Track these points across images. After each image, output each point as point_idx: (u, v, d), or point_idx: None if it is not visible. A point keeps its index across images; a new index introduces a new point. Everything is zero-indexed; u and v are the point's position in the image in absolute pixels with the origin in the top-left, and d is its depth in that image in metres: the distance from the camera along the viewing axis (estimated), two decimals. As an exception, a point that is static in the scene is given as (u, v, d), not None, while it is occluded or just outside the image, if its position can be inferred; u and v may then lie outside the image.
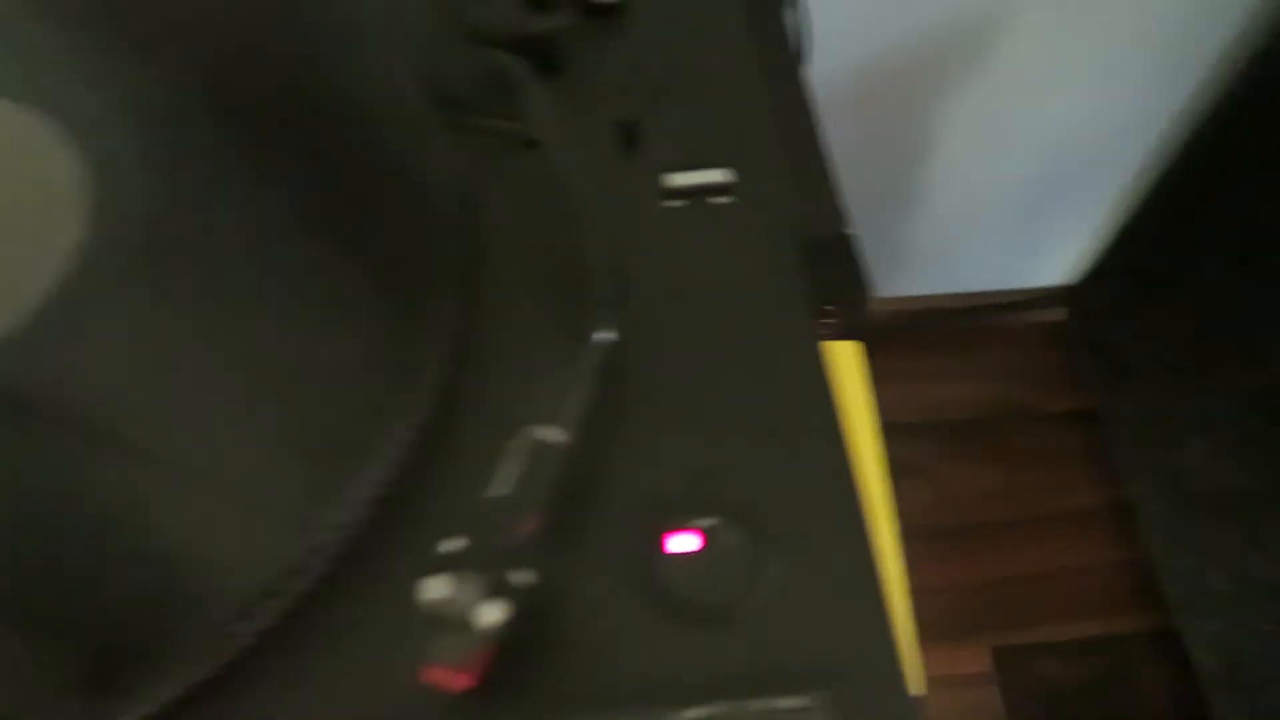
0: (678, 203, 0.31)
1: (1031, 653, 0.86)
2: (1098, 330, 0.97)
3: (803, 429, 0.28)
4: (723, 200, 0.31)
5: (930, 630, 0.87)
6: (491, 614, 0.21)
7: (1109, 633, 0.88)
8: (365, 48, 0.30)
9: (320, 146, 0.29)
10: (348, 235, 0.29)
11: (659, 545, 0.26)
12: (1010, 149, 0.85)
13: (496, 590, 0.21)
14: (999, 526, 0.91)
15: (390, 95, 0.30)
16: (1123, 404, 0.92)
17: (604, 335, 0.24)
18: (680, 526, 0.26)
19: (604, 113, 0.31)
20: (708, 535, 0.26)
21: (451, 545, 0.22)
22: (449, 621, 0.21)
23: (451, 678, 0.22)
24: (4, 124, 0.29)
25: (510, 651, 0.23)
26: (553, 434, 0.23)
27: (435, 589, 0.21)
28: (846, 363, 0.30)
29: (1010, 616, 0.88)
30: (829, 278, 0.31)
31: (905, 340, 1.00)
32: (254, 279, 0.28)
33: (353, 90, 0.30)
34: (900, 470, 0.87)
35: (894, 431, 0.66)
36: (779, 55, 0.36)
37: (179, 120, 0.30)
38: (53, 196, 0.28)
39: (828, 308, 0.31)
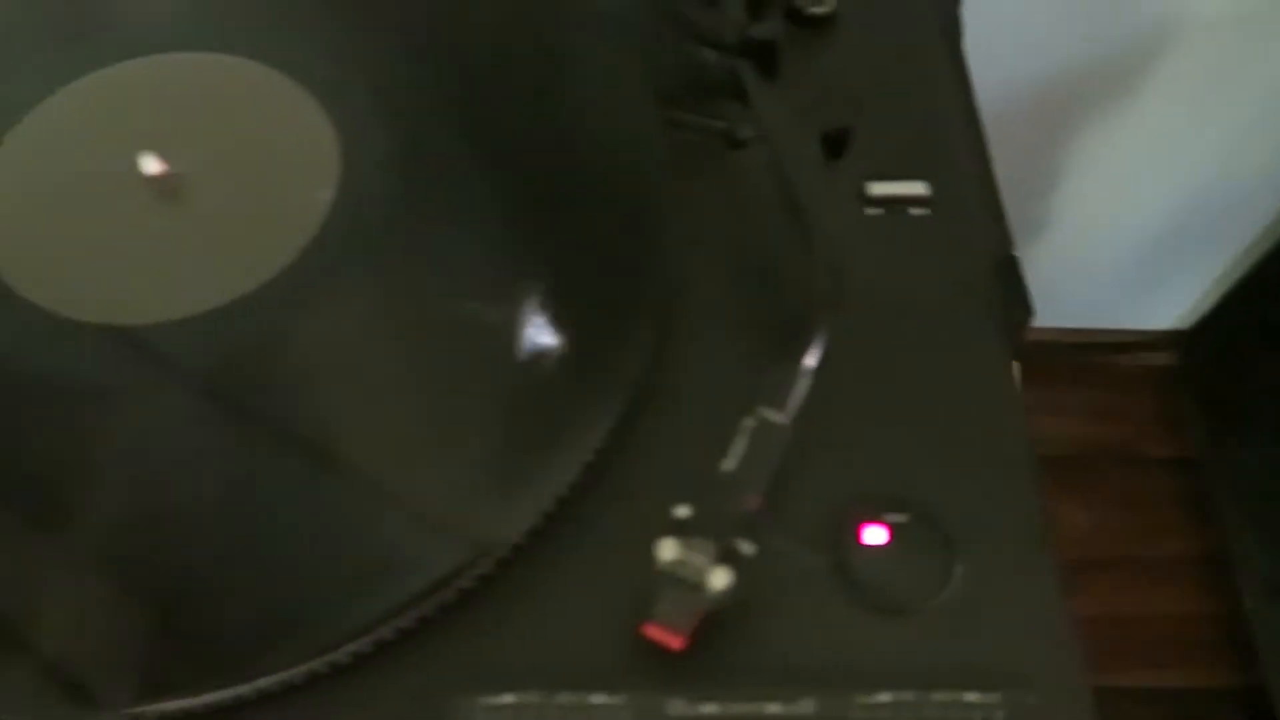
0: (877, 211, 0.32)
1: (1113, 696, 0.85)
2: (1207, 378, 0.95)
3: (992, 441, 0.29)
4: (921, 212, 0.33)
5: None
6: (722, 578, 0.22)
7: (1193, 684, 0.87)
8: (600, 38, 0.32)
9: (549, 136, 0.31)
10: (568, 220, 0.30)
11: (853, 534, 0.27)
12: (1138, 191, 0.85)
13: (725, 557, 0.23)
14: (1087, 566, 0.91)
15: (620, 84, 0.31)
16: (1228, 454, 0.90)
17: (824, 331, 0.26)
18: (873, 519, 0.27)
19: (814, 119, 0.32)
20: (897, 531, 0.27)
21: (683, 511, 0.23)
22: (677, 582, 0.23)
23: (668, 636, 0.24)
24: (258, 85, 0.32)
25: (712, 620, 0.24)
26: (779, 418, 0.24)
27: (670, 549, 0.23)
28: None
29: (1092, 659, 0.87)
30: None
31: (1006, 369, 1.00)
32: (471, 260, 0.29)
33: (587, 80, 0.31)
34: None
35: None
36: (958, 73, 0.37)
37: (415, 95, 0.32)
38: (306, 158, 0.30)
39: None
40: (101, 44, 0.32)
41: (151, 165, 0.29)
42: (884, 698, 0.25)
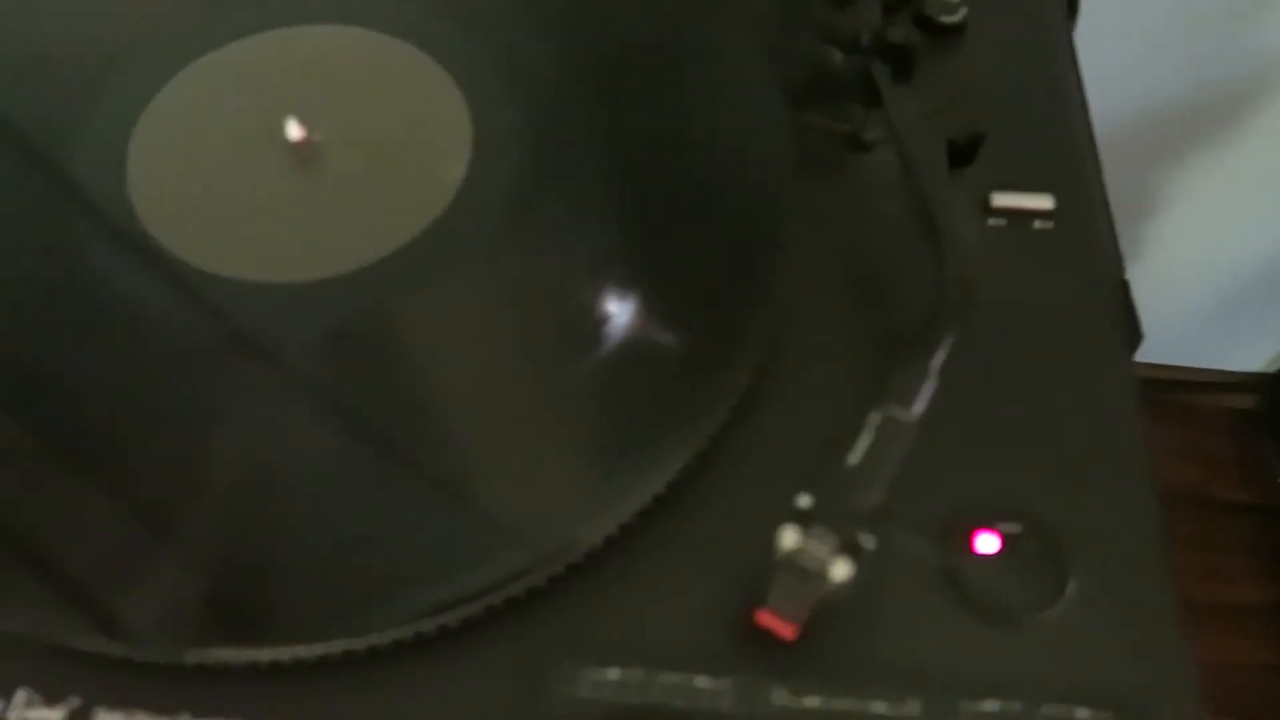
0: (999, 221, 0.32)
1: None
2: (1290, 424, 0.93)
3: (1112, 460, 0.28)
4: (1044, 225, 0.32)
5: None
6: (842, 570, 0.22)
7: (1260, 736, 0.84)
8: (735, 34, 0.32)
9: (679, 128, 0.31)
10: (692, 211, 0.30)
11: (965, 540, 0.27)
12: (1235, 230, 0.83)
13: (847, 549, 0.23)
14: (1152, 607, 0.89)
15: (752, 81, 0.31)
16: (1309, 504, 0.88)
17: (952, 335, 0.26)
18: (986, 526, 0.27)
19: (941, 125, 0.32)
20: (1009, 540, 0.27)
21: (805, 501, 0.23)
22: (796, 571, 0.23)
23: (781, 625, 0.24)
24: (398, 61, 0.32)
25: (823, 614, 0.24)
26: (906, 416, 0.24)
27: (792, 537, 0.23)
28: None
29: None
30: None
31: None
32: (595, 245, 0.30)
33: (720, 74, 0.32)
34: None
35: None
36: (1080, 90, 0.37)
37: (550, 82, 0.32)
38: (439, 136, 0.31)
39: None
40: (255, 10, 0.33)
41: (294, 131, 0.30)
42: (991, 706, 0.25)
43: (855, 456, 0.24)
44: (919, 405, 0.25)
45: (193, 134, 0.31)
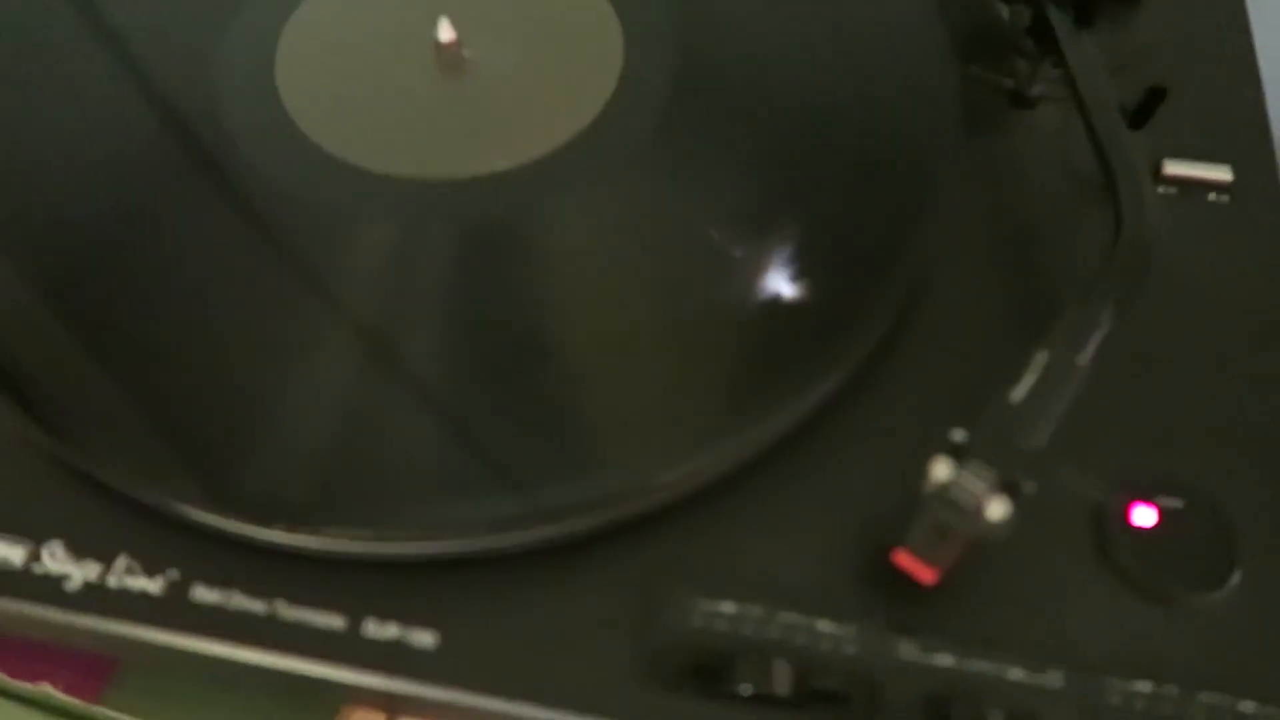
0: (1170, 190, 0.30)
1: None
2: None
3: (1290, 447, 0.26)
4: (1219, 198, 0.30)
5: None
6: (999, 509, 0.21)
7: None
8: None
9: (840, 72, 0.30)
10: (849, 145, 0.29)
11: (1122, 510, 0.25)
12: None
13: (1005, 489, 0.21)
14: None
15: (920, 31, 0.30)
16: None
17: (1129, 285, 0.24)
18: (1145, 498, 0.25)
19: (1117, 85, 0.30)
20: (1168, 515, 0.25)
21: (959, 435, 0.21)
22: (946, 505, 0.21)
23: (920, 568, 0.22)
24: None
25: (963, 563, 0.23)
26: (1078, 358, 0.22)
27: (945, 469, 0.21)
28: None
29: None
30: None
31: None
32: (742, 178, 0.28)
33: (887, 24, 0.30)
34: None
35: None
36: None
37: (708, 14, 0.31)
38: (590, 53, 0.30)
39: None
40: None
41: (445, 32, 0.29)
42: (1143, 687, 0.22)
43: (1019, 393, 0.22)
44: (1087, 352, 0.23)
45: (348, 30, 0.31)
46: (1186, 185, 0.30)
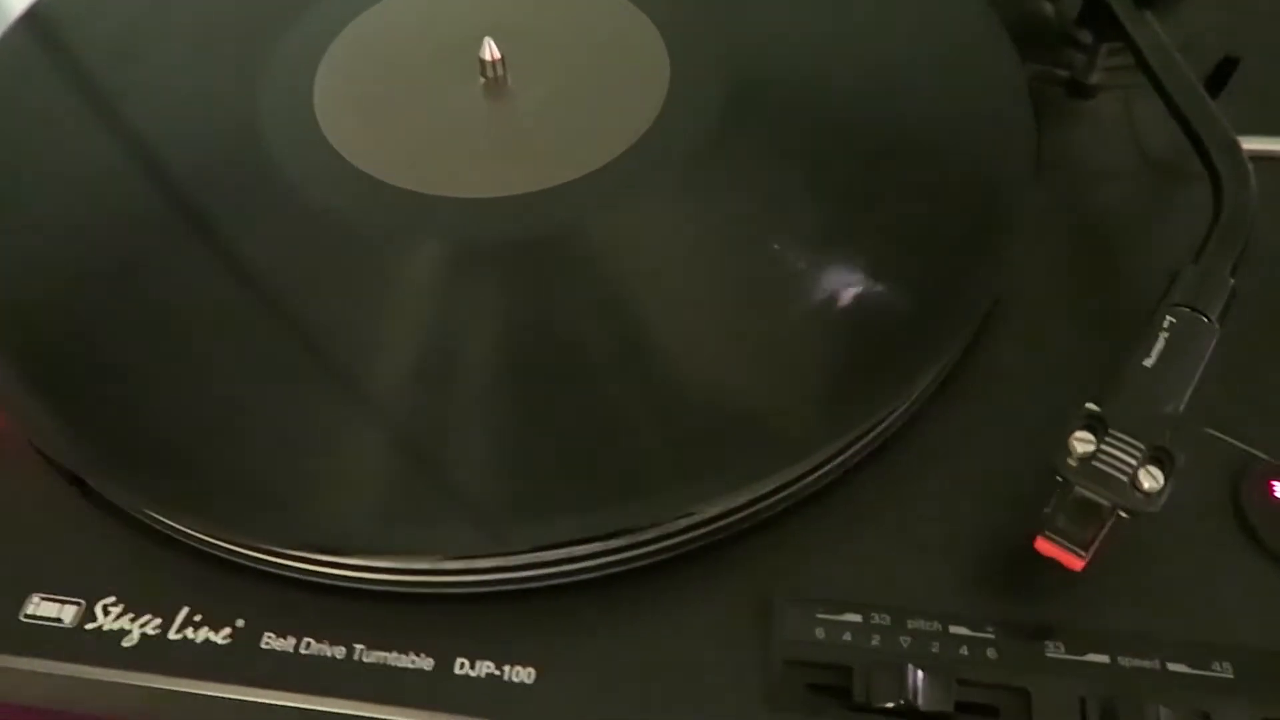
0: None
1: None
2: None
3: None
4: (1297, 171, 0.29)
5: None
6: (1153, 479, 0.19)
7: None
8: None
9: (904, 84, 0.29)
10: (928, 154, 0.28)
11: (1263, 486, 0.23)
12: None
13: (1155, 458, 0.19)
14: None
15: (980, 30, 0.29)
16: None
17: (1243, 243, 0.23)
18: (1284, 474, 0.23)
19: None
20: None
21: (1094, 406, 0.20)
22: (1089, 474, 0.19)
23: (1065, 554, 0.20)
24: (602, 9, 0.31)
25: (1107, 549, 0.21)
26: (1210, 316, 0.21)
27: (1086, 441, 0.19)
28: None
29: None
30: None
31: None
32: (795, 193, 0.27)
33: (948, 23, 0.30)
34: None
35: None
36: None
37: (755, 33, 0.30)
38: (639, 74, 0.29)
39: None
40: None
41: (490, 52, 0.28)
42: (1309, 669, 0.20)
43: (1150, 358, 0.20)
44: (1216, 309, 0.21)
45: (393, 51, 0.30)
46: (1260, 160, 0.29)
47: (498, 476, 0.22)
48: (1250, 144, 0.29)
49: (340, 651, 0.22)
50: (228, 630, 0.22)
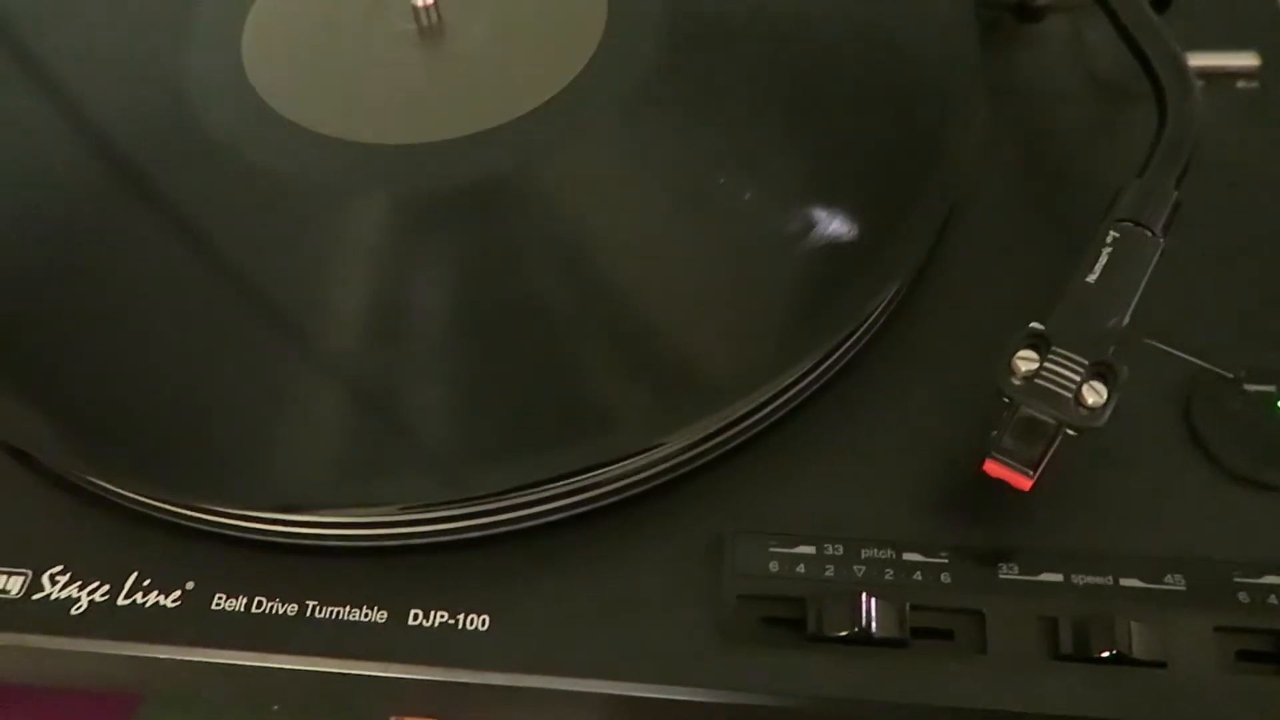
0: (1199, 84, 0.29)
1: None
2: None
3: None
4: (1249, 85, 0.29)
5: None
6: (1097, 393, 0.19)
7: None
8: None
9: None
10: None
11: (1211, 398, 0.23)
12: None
13: (1098, 373, 0.19)
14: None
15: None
16: None
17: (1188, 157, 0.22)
18: (1234, 386, 0.23)
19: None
20: (1257, 401, 0.23)
21: (1038, 326, 0.20)
22: (1035, 392, 0.19)
23: (1013, 474, 0.20)
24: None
25: (1054, 467, 0.21)
26: (1152, 230, 0.21)
27: (1029, 360, 0.19)
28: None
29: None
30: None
31: None
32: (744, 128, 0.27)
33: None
34: None
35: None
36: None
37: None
38: (571, 20, 0.28)
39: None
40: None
41: (422, -1, 0.28)
42: (1272, 580, 0.20)
43: (1093, 274, 0.20)
44: (1160, 222, 0.21)
45: (318, 3, 0.29)
46: (1213, 76, 0.29)
47: (445, 425, 0.22)
48: (1197, 60, 0.29)
49: (293, 609, 0.21)
50: (177, 593, 0.22)
